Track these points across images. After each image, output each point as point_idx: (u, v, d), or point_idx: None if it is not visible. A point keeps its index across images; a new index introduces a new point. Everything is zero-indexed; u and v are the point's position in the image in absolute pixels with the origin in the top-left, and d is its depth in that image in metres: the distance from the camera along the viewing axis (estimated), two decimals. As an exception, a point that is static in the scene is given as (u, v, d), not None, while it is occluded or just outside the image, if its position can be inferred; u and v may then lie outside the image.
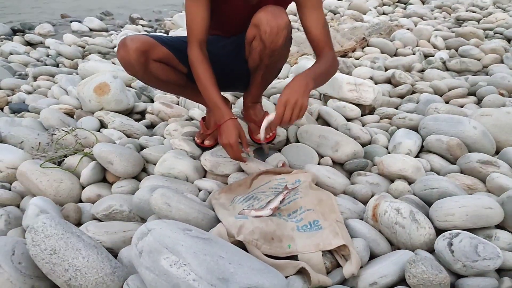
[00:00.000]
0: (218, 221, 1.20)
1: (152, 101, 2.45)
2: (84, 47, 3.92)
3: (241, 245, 1.07)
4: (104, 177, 1.58)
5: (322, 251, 1.08)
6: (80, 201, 1.52)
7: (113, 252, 1.21)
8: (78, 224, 1.40)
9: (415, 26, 3.83)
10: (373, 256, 1.13)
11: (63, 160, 1.62)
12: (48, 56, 3.64)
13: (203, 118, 1.78)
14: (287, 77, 2.65)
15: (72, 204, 1.42)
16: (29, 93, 2.62)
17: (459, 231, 1.07)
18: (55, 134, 1.68)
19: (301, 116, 1.31)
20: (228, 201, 1.33)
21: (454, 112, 1.83)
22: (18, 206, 1.48)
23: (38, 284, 1.00)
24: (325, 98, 2.22)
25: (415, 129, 1.82)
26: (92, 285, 0.95)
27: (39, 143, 1.63)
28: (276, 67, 1.59)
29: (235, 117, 1.42)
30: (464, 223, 1.12)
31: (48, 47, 3.90)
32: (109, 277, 0.97)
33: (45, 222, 0.99)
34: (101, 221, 1.36)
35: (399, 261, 1.03)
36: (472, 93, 2.36)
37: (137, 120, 2.22)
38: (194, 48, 1.44)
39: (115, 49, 3.81)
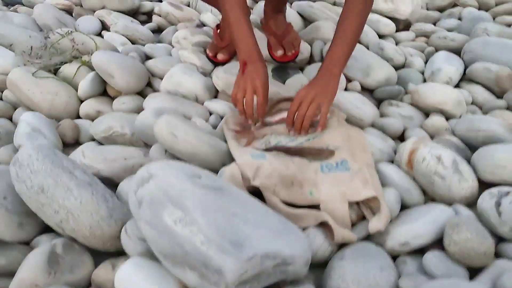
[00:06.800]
0: (230, 155, 1.06)
1: (160, 0, 2.19)
2: None
3: (257, 188, 0.94)
4: (104, 90, 1.41)
5: (349, 202, 0.95)
6: (78, 116, 1.37)
7: (113, 182, 1.09)
8: (76, 143, 1.27)
9: None
10: (403, 206, 1.00)
11: (59, 67, 1.44)
12: None
13: (217, 26, 1.55)
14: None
15: (68, 121, 1.27)
16: (25, -16, 2.35)
17: (509, 189, 0.92)
18: (49, 38, 1.48)
19: (323, 118, 1.09)
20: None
21: (506, 35, 1.58)
22: (10, 119, 1.34)
23: (26, 221, 0.89)
24: (355, 8, 1.96)
25: (456, 52, 1.59)
26: (86, 229, 0.83)
27: (31, 47, 1.44)
28: None
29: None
30: (515, 178, 0.97)
31: None
32: (106, 221, 0.85)
33: (30, 155, 0.85)
34: (100, 142, 1.23)
35: (436, 220, 0.89)
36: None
37: (143, 22, 2.00)
38: None
39: None
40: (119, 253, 0.88)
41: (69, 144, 1.26)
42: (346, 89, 1.42)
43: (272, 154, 1.04)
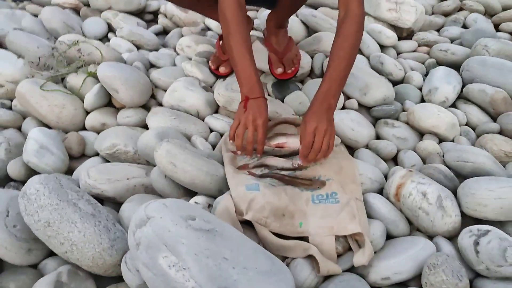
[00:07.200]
0: (226, 181, 1.11)
1: (166, -3, 2.20)
2: None
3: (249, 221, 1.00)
4: (109, 101, 1.46)
5: (335, 236, 1.00)
6: (84, 127, 1.42)
7: (116, 202, 1.16)
8: (82, 155, 1.34)
9: None
10: (390, 236, 1.06)
11: (66, 76, 1.49)
12: None
13: (220, 37, 1.58)
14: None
15: (75, 134, 1.33)
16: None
17: (489, 228, 0.97)
18: (57, 49, 1.52)
19: (330, 150, 1.11)
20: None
21: (505, 53, 1.58)
22: (19, 129, 1.40)
23: (35, 246, 0.96)
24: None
25: (456, 66, 1.61)
26: (89, 260, 0.90)
27: (39, 58, 1.48)
28: None
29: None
30: (496, 215, 1.02)
31: None
32: (107, 251, 0.91)
33: (38, 190, 0.91)
34: (105, 158, 1.29)
35: (417, 257, 0.95)
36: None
37: (149, 22, 2.03)
38: None
39: None
40: (121, 278, 0.95)
41: (76, 157, 1.32)
42: (343, 107, 1.45)
43: (266, 182, 1.09)
